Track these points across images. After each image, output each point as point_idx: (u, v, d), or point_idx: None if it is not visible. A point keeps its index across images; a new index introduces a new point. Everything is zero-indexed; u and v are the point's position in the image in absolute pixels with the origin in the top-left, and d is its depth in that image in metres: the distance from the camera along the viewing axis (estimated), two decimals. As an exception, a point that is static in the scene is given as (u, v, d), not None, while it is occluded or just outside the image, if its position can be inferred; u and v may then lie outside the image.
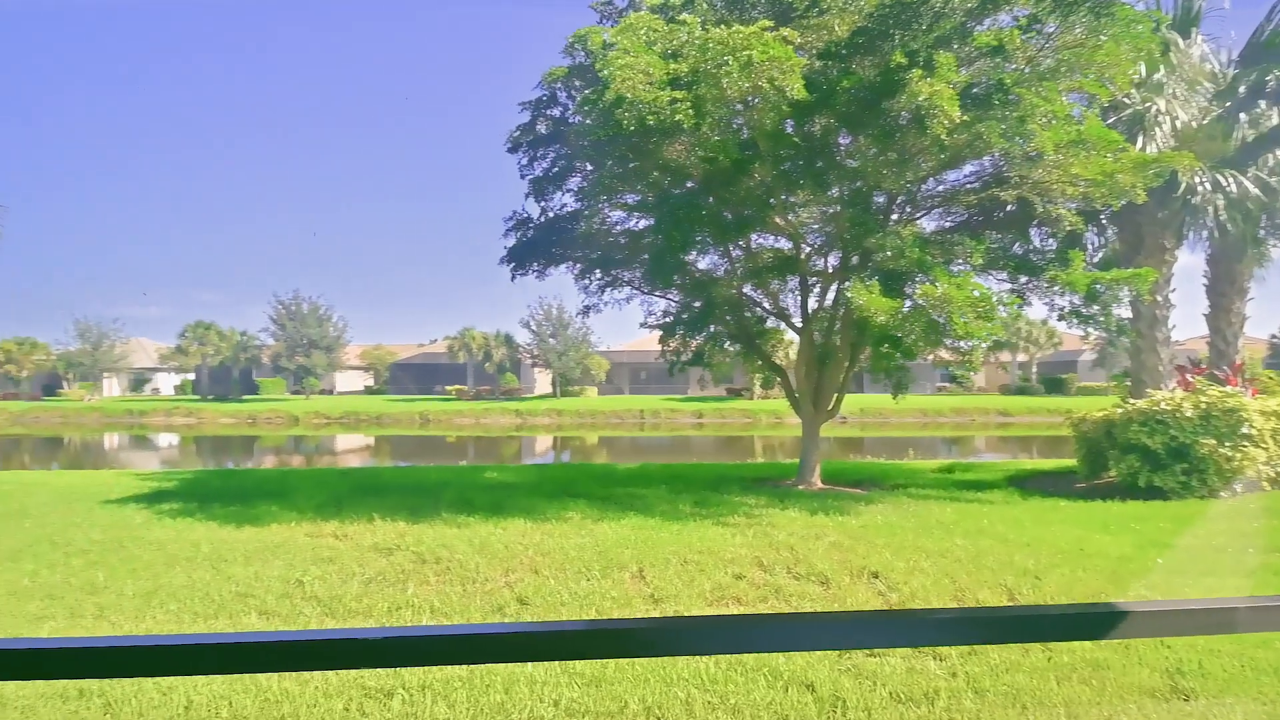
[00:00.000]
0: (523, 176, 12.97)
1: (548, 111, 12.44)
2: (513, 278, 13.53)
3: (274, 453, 35.67)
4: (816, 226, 13.21)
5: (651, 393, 54.53)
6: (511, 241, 13.59)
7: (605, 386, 56.80)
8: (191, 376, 59.11)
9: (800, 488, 12.10)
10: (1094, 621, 1.17)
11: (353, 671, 4.12)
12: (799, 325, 13.42)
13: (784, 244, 13.51)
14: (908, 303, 10.06)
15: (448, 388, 56.52)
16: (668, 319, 14.04)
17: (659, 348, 14.74)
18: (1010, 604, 5.82)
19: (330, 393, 60.12)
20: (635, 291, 14.32)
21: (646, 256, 12.46)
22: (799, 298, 13.45)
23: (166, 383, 62.28)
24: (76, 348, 55.32)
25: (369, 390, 63.63)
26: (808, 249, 13.20)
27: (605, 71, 9.51)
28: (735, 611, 5.72)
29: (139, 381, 61.92)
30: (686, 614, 5.61)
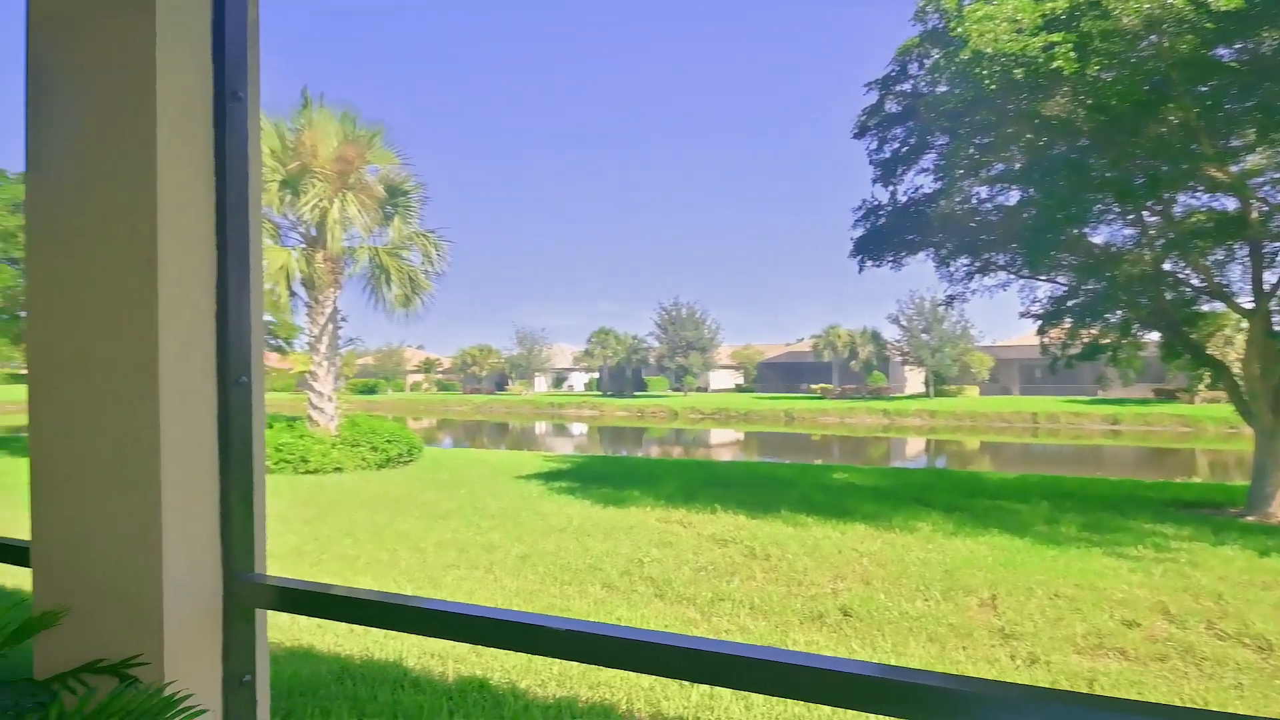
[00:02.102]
0: (871, 161, 12.25)
1: (896, 88, 11.52)
2: (861, 269, 12.84)
3: (657, 443, 39.68)
4: (1276, 176, 9.90)
5: (1048, 393, 47.25)
6: (860, 232, 12.92)
7: (988, 386, 50.96)
8: (596, 375, 69.15)
9: (1249, 519, 9.18)
10: None
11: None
12: (1249, 306, 10.21)
13: (1224, 202, 10.41)
14: None
15: (812, 386, 56.61)
16: (1053, 306, 11.91)
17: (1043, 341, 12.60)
18: None
19: (705, 390, 64.88)
20: (1011, 276, 12.46)
21: (1023, 234, 10.73)
22: (1249, 270, 10.24)
23: (579, 381, 73.91)
24: (517, 352, 68.76)
25: (739, 388, 67.07)
26: (1263, 207, 9.96)
27: (960, 29, 8.44)
28: (1115, 667, 4.50)
29: (559, 379, 74.58)
30: (1043, 659, 4.59)
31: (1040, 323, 11.84)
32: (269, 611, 1.71)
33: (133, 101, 1.49)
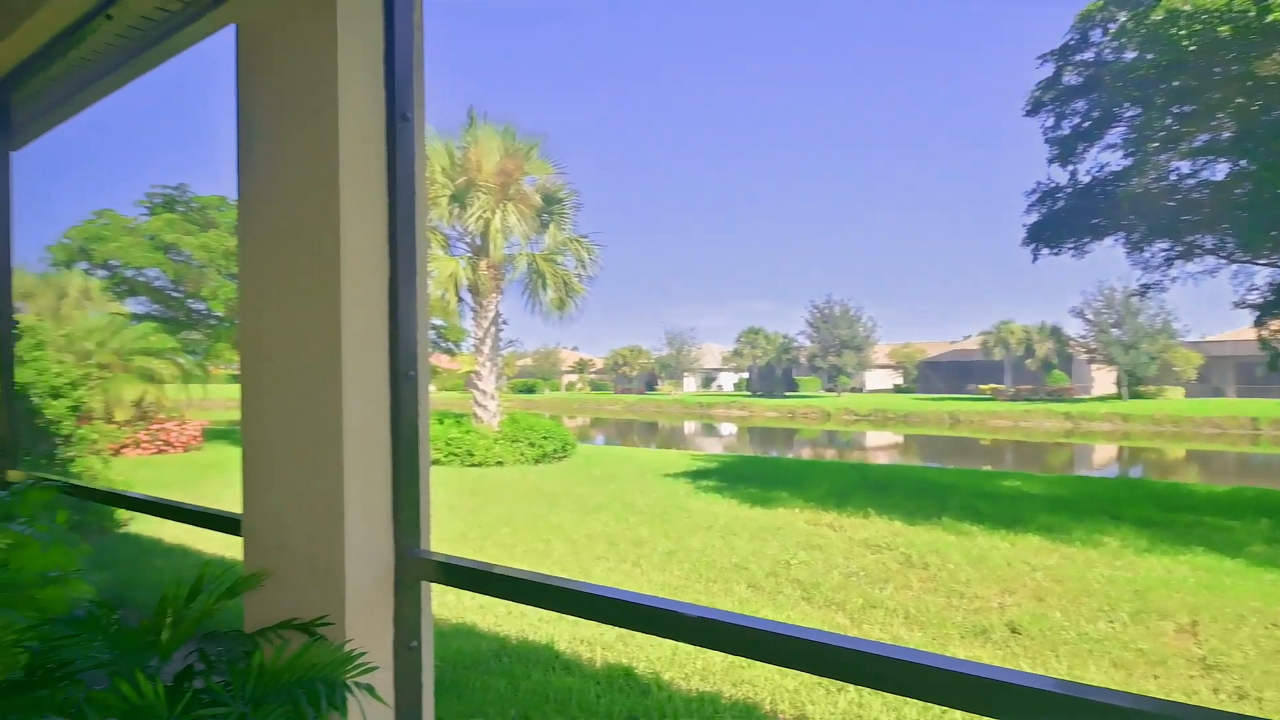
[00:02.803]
0: (1047, 140, 11.22)
1: (1076, 58, 10.48)
2: (1035, 258, 11.80)
3: (808, 445, 38.68)
4: None
5: (1274, 394, 40.96)
6: (1035, 218, 11.88)
7: (1196, 387, 44.94)
8: (745, 375, 68.54)
9: None
10: None
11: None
12: None
13: None
14: None
15: (980, 387, 52.66)
16: (1275, 294, 10.33)
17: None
18: None
19: (860, 390, 62.36)
20: (1221, 260, 10.95)
21: (1235, 211, 9.42)
22: None
23: (728, 381, 73.62)
24: (666, 352, 69.63)
25: (897, 389, 63.82)
26: None
27: (1153, -15, 7.55)
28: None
29: (707, 379, 74.68)
30: (1253, 695, 4.00)
31: (1259, 314, 10.32)
32: (434, 586, 1.88)
33: (319, 128, 1.70)
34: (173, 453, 17.63)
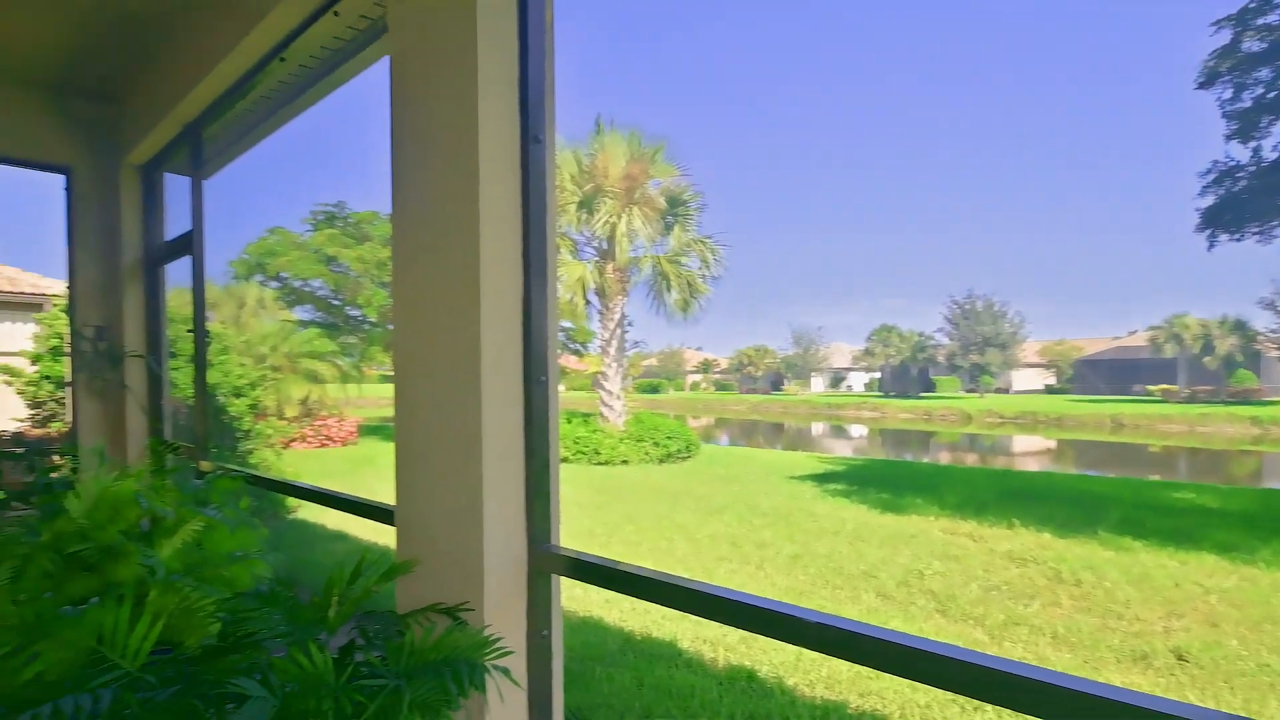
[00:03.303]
0: (1224, 114, 10.03)
1: (1257, 21, 9.29)
2: (1211, 245, 10.58)
3: (946, 449, 36.62)
4: None
5: None
6: (1210, 200, 10.66)
7: None
8: (877, 375, 65.89)
9: None
10: None
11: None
12: None
13: None
14: None
15: (1149, 387, 47.72)
16: None
17: None
18: None
19: (1006, 391, 58.26)
20: None
21: None
22: None
23: (858, 381, 71.06)
24: (792, 352, 68.21)
25: (1049, 389, 59.06)
26: None
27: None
28: None
29: (836, 379, 72.42)
30: None
31: None
32: (563, 579, 1.99)
33: (461, 151, 1.84)
34: (332, 447, 19.33)
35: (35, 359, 10.19)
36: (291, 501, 9.57)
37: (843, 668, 4.07)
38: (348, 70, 3.13)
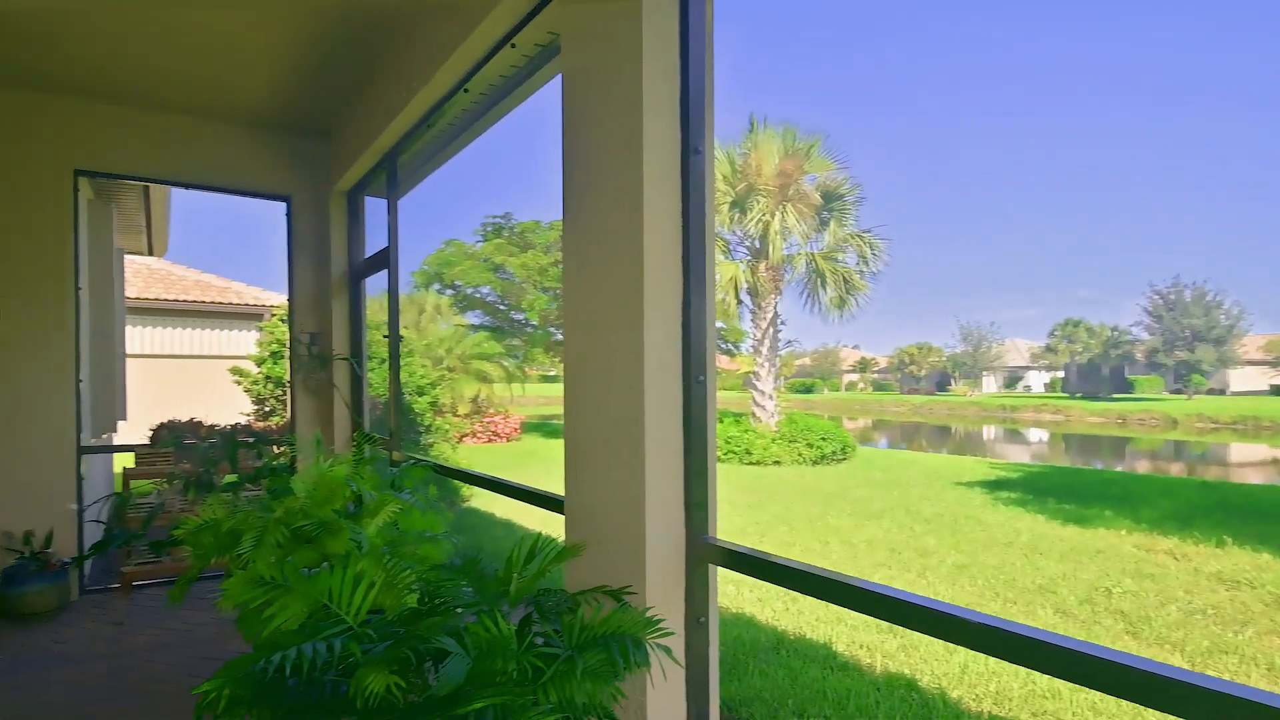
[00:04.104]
0: None
1: None
2: None
3: (1145, 457, 32.79)
4: None
5: None
6: None
7: None
8: (1060, 374, 60.15)
9: None
10: None
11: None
12: None
13: None
14: None
15: None
16: None
17: None
18: None
19: (1221, 392, 51.05)
20: None
21: None
22: None
23: (1037, 381, 65.24)
24: (961, 349, 63.92)
25: (1276, 390, 51.00)
26: None
27: None
28: None
29: (1012, 379, 66.92)
30: None
31: None
32: (719, 570, 2.08)
33: (627, 162, 1.99)
34: (499, 442, 20.70)
35: (259, 361, 11.80)
36: (465, 491, 10.41)
37: (1014, 684, 3.84)
38: (518, 96, 3.42)
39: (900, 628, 4.83)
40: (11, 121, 4.55)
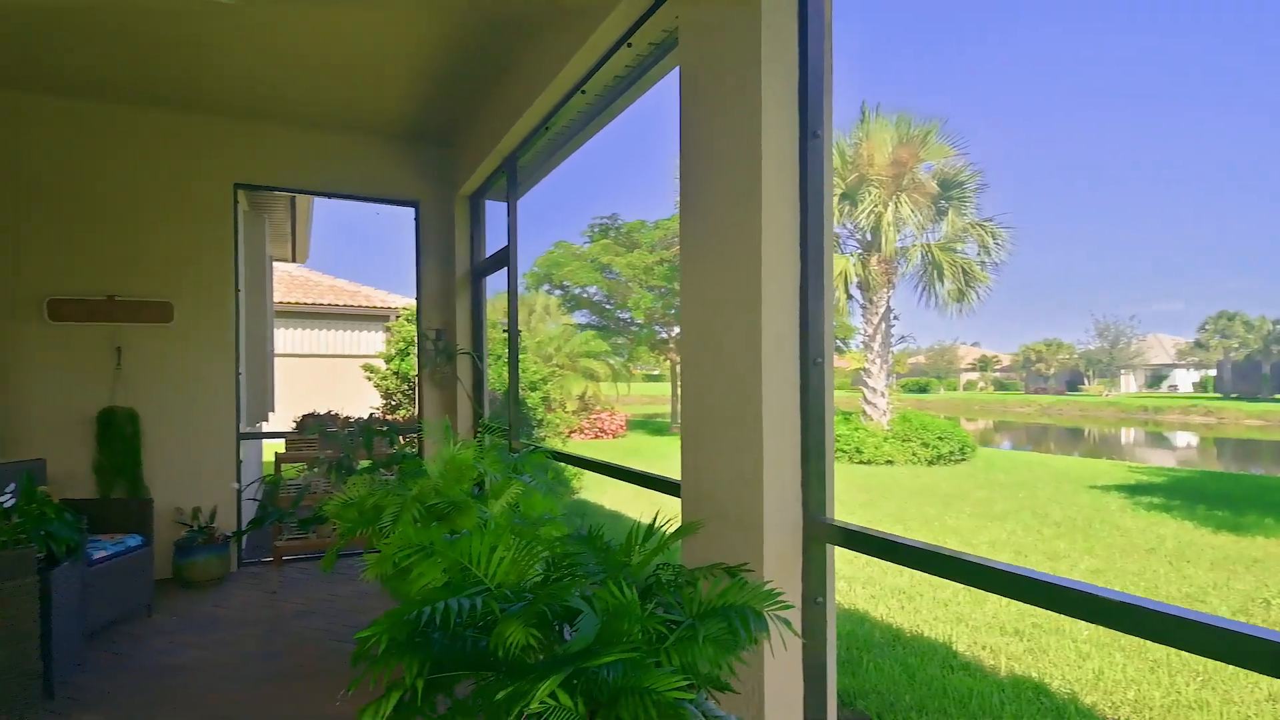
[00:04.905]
0: None
1: None
2: None
3: (1315, 464, 29.28)
4: None
5: None
6: None
7: None
8: (1211, 373, 54.67)
9: None
10: None
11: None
12: None
13: None
14: None
15: None
16: None
17: None
18: None
19: None
20: None
21: None
22: None
23: (1184, 379, 59.59)
24: (1095, 346, 59.34)
25: None
26: None
27: None
28: None
29: (1155, 378, 61.44)
30: None
31: None
32: (836, 551, 2.10)
33: (745, 148, 2.04)
34: (605, 439, 21.11)
35: (388, 359, 12.62)
36: (574, 483, 10.73)
37: (1155, 693, 3.58)
38: (627, 98, 3.54)
39: (1028, 632, 4.61)
40: (182, 141, 5.13)
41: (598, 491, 10.49)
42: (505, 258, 4.86)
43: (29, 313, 4.78)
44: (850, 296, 17.36)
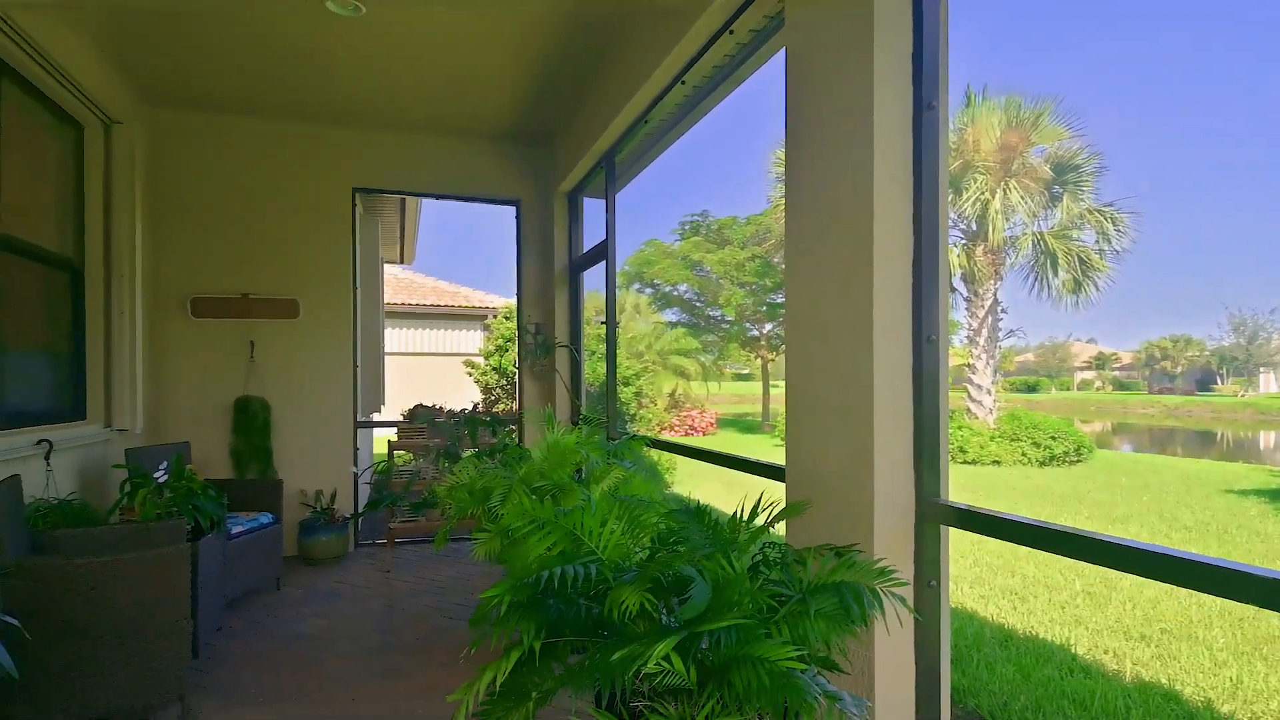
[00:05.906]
0: None
1: None
2: None
3: None
4: None
5: None
6: None
7: None
8: (1370, 371, 49.04)
9: None
10: None
11: None
12: None
13: None
14: None
15: None
16: None
17: None
18: None
19: None
20: None
21: None
22: None
23: (1336, 379, 53.69)
24: (1229, 342, 54.41)
25: None
26: None
27: None
28: None
29: (1301, 377, 55.63)
30: None
31: None
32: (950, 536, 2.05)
33: (856, 122, 2.02)
34: (695, 435, 21.10)
35: (487, 355, 13.09)
36: (666, 477, 10.79)
37: (1308, 707, 3.28)
38: (724, 89, 3.54)
39: (1155, 637, 4.31)
40: (304, 149, 5.51)
41: (688, 486, 10.52)
42: (603, 251, 4.96)
43: (175, 310, 5.27)
44: (954, 289, 16.65)
